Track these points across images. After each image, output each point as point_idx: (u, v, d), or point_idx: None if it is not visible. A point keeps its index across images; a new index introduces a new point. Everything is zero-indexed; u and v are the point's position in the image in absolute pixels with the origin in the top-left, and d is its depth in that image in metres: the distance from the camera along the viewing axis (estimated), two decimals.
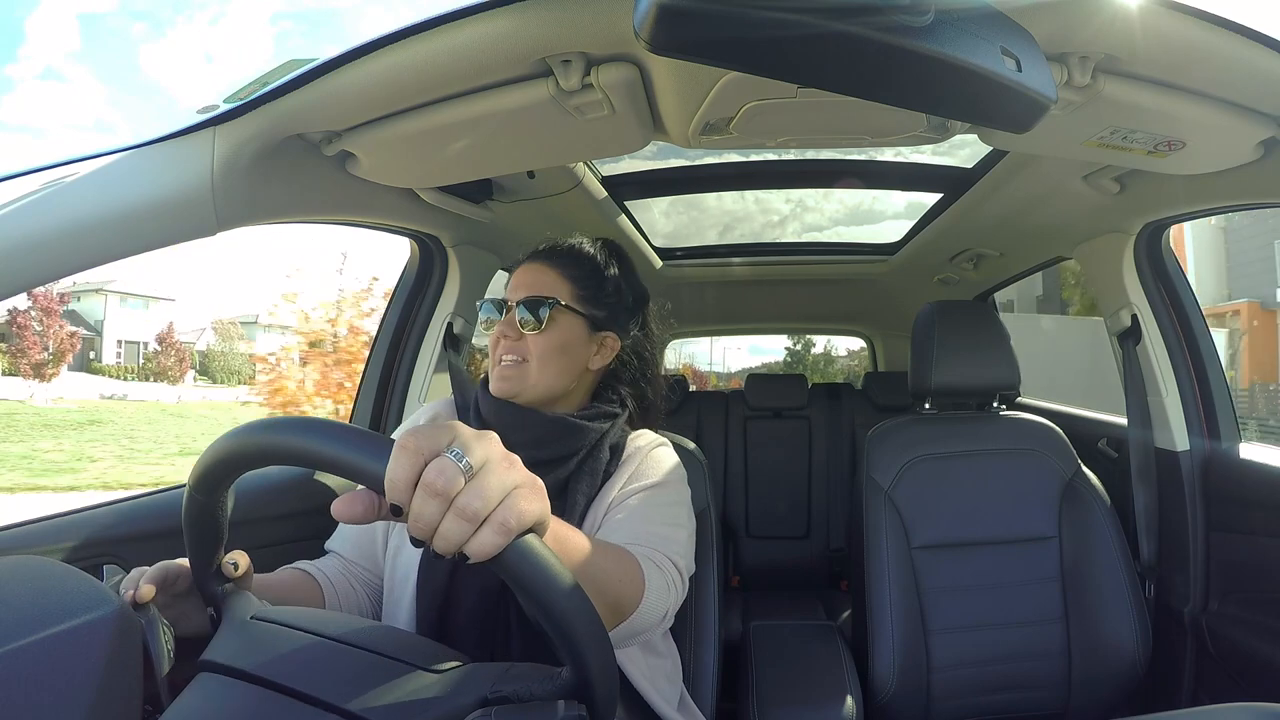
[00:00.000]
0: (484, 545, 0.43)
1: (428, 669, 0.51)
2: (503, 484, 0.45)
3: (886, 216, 2.01)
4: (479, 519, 0.43)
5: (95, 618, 0.46)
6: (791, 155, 1.57)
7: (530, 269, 0.94)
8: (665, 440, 0.97)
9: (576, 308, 0.92)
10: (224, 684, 0.48)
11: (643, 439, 0.94)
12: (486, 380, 0.93)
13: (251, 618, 0.56)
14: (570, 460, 0.86)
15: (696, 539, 1.04)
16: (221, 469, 0.52)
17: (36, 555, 0.54)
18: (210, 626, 0.61)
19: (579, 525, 0.83)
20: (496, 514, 0.44)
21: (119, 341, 23.91)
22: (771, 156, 1.59)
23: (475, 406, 0.93)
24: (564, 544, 0.61)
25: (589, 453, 0.88)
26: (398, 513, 0.43)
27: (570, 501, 0.84)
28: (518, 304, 0.91)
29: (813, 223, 2.10)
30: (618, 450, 0.91)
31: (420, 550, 0.81)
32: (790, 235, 2.14)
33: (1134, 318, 1.38)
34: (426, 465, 0.43)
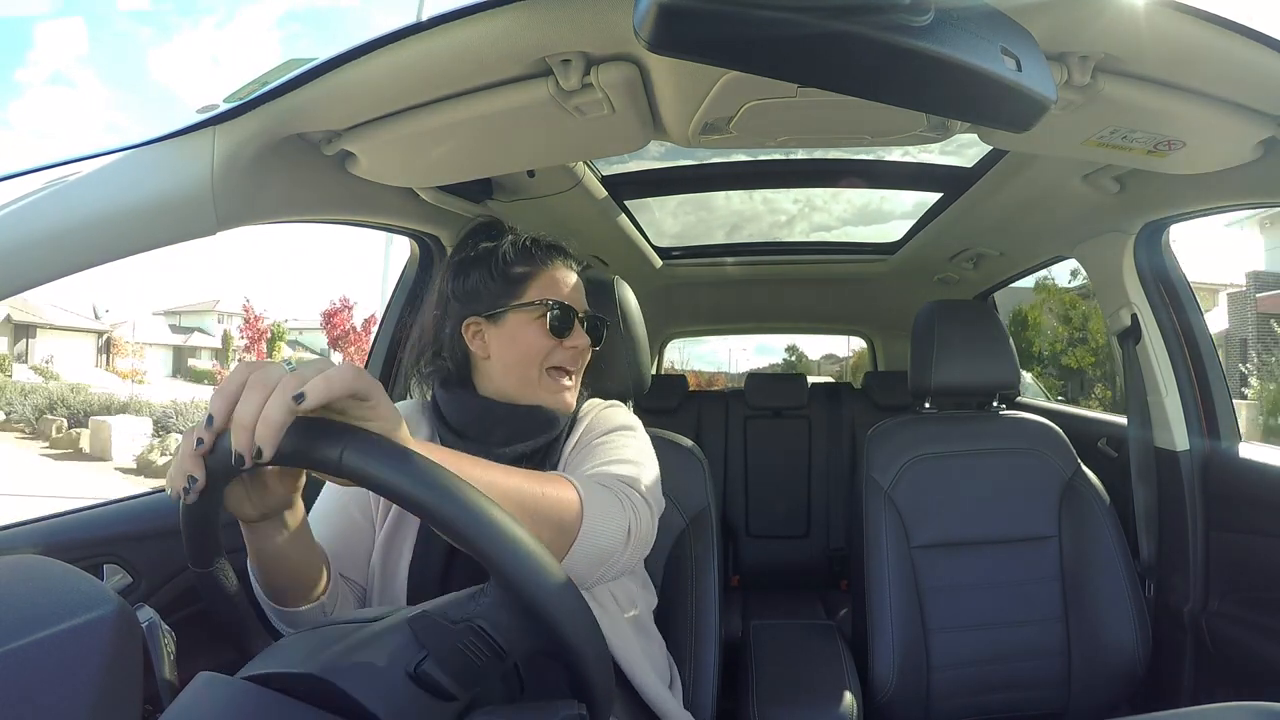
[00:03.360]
0: (274, 410, 0.45)
1: (364, 621, 0.52)
2: (318, 366, 0.48)
3: (895, 216, 2.00)
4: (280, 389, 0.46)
5: (95, 618, 0.46)
6: (792, 155, 1.57)
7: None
8: (616, 402, 0.96)
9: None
10: (224, 684, 0.48)
11: (593, 405, 0.94)
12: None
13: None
14: (553, 447, 0.87)
15: (697, 539, 1.04)
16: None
17: (36, 555, 0.54)
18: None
19: None
20: (289, 382, 0.46)
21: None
22: (772, 156, 1.59)
23: (437, 410, 0.90)
24: (458, 463, 0.57)
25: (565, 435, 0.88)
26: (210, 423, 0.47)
27: None
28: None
29: (821, 222, 2.10)
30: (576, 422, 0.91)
31: (412, 551, 0.81)
32: (798, 235, 2.13)
33: (1134, 317, 1.38)
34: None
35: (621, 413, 0.93)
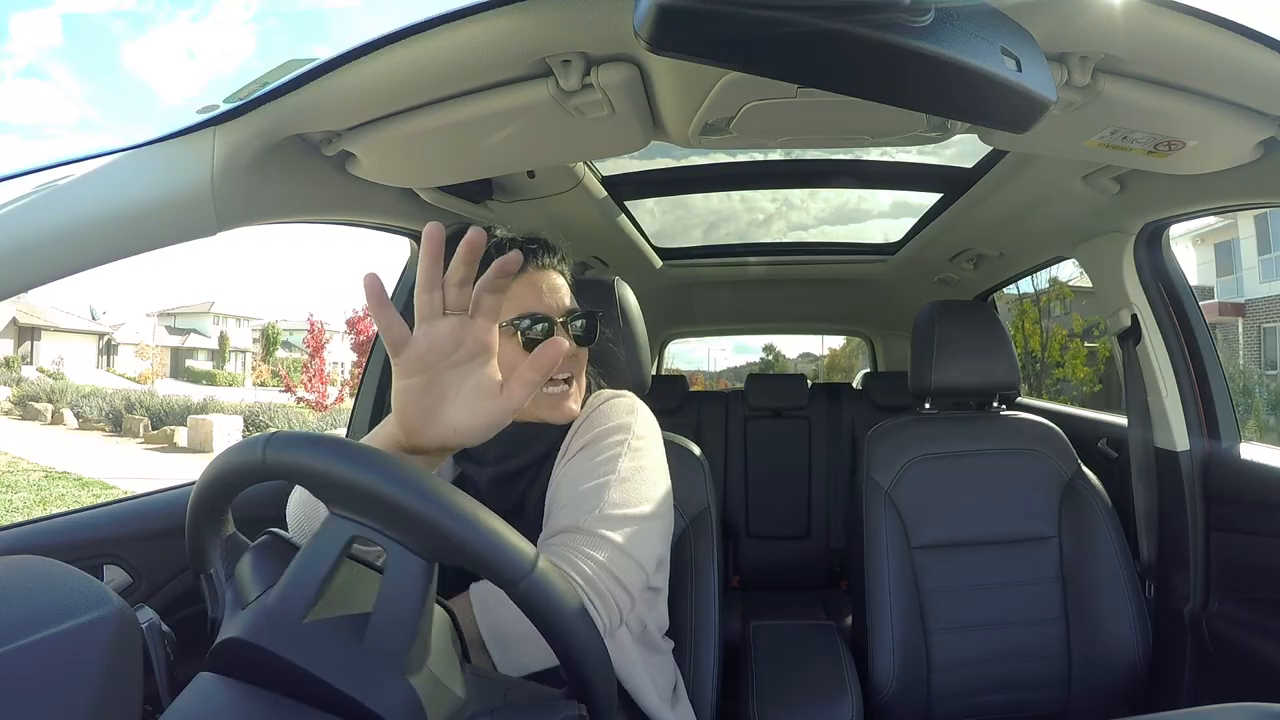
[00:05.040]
0: None
1: None
2: None
3: (872, 215, 2.01)
4: None
5: (95, 618, 0.46)
6: (792, 155, 1.57)
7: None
8: (623, 393, 0.90)
9: None
10: (224, 684, 0.48)
11: (598, 397, 0.89)
12: None
13: None
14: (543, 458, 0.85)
15: (697, 540, 1.03)
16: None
17: (36, 555, 0.54)
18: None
19: (540, 515, 0.80)
20: None
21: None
22: (772, 156, 1.59)
23: None
24: None
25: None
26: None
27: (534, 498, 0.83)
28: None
29: (798, 221, 2.10)
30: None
31: None
32: (775, 234, 2.13)
33: (1134, 318, 1.38)
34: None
35: (622, 408, 0.87)
